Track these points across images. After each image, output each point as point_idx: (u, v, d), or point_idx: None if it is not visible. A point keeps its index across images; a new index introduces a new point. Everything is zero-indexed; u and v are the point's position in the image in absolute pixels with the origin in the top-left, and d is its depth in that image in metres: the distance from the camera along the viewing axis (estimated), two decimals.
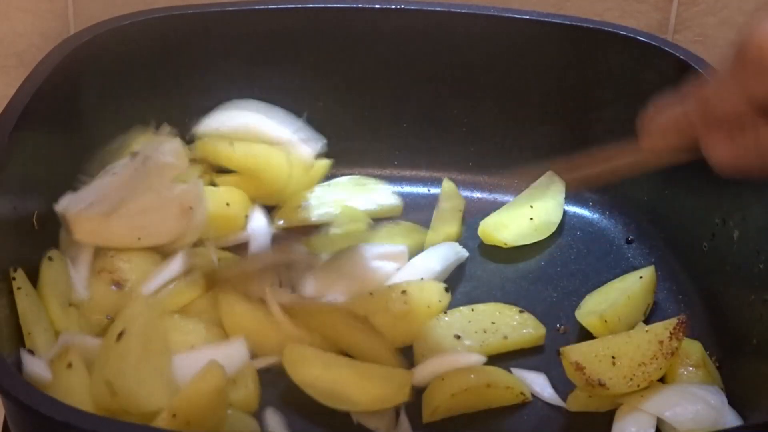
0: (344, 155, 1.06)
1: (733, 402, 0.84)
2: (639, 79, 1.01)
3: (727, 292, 0.91)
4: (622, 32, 1.00)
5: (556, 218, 1.02)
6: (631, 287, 0.94)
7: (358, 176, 1.06)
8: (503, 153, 1.06)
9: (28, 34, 1.07)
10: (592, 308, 0.92)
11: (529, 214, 1.01)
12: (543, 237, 1.01)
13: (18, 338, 0.81)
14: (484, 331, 0.90)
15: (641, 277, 0.95)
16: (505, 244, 1.00)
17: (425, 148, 1.07)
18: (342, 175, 1.06)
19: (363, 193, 1.04)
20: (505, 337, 0.90)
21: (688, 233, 0.97)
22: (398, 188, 1.06)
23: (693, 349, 0.88)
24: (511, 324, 0.91)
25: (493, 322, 0.91)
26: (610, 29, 1.01)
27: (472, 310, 0.92)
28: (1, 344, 0.76)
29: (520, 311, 0.92)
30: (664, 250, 1.00)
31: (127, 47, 0.98)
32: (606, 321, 0.89)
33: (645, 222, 1.03)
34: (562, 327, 0.93)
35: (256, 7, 1.01)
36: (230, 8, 1.01)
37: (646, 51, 0.99)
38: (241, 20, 1.01)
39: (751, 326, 0.86)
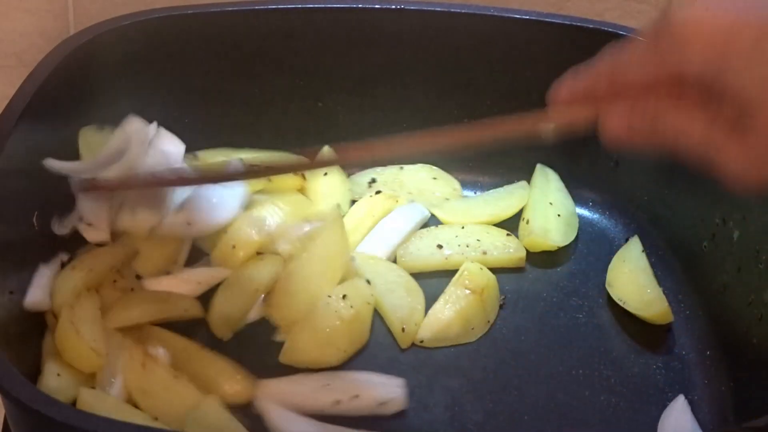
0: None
1: (733, 402, 0.85)
2: None
3: (727, 291, 0.91)
4: (622, 32, 1.00)
5: (573, 207, 1.03)
6: (638, 261, 0.97)
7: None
8: (503, 153, 1.06)
9: (28, 34, 1.07)
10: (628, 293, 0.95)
11: (555, 210, 1.02)
12: (576, 230, 1.02)
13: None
14: (467, 246, 0.97)
15: (643, 251, 0.98)
16: (557, 247, 1.00)
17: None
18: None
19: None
20: (484, 253, 0.96)
21: (688, 233, 0.97)
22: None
23: None
24: (495, 243, 0.97)
25: (478, 239, 0.97)
26: (610, 29, 1.01)
27: (462, 227, 0.98)
28: (1, 344, 0.76)
29: (508, 234, 0.98)
30: (664, 250, 1.00)
31: (127, 47, 0.98)
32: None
33: (645, 222, 1.03)
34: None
35: (256, 7, 1.01)
36: (230, 8, 1.01)
37: None
38: (241, 20, 1.01)
39: (752, 326, 0.86)
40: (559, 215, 1.01)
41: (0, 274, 0.81)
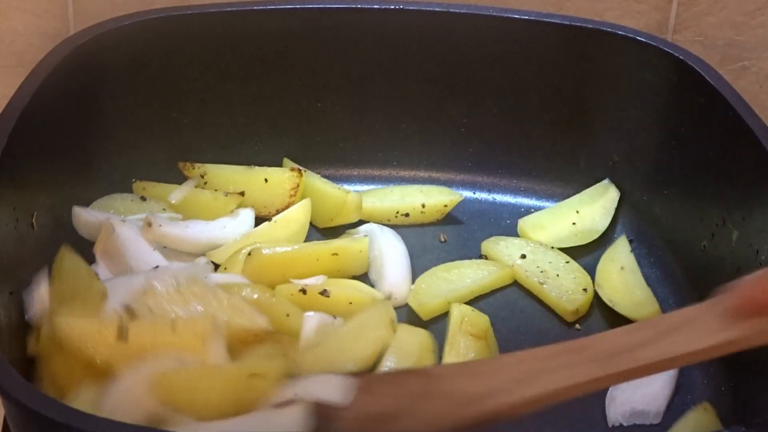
0: (344, 156, 1.06)
1: (733, 402, 0.85)
2: (638, 80, 1.01)
3: None
4: (621, 32, 1.00)
5: (601, 227, 1.02)
6: (627, 262, 0.97)
7: None
8: (503, 153, 1.06)
9: (28, 34, 1.07)
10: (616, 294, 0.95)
11: (574, 218, 1.02)
12: (582, 243, 1.01)
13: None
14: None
15: (631, 251, 0.99)
16: (540, 244, 1.00)
17: (425, 148, 1.07)
18: (342, 174, 1.06)
19: None
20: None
21: (688, 233, 0.97)
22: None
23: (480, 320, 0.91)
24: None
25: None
26: (609, 29, 1.01)
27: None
28: (1, 345, 0.76)
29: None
30: (664, 250, 1.00)
31: (127, 47, 0.98)
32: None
33: (645, 222, 1.03)
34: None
35: (256, 8, 1.01)
36: (230, 8, 1.01)
37: (646, 51, 0.99)
38: (240, 20, 1.01)
39: None
40: (574, 224, 1.02)
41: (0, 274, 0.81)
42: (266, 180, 1.01)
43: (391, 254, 0.97)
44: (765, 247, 0.86)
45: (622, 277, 0.96)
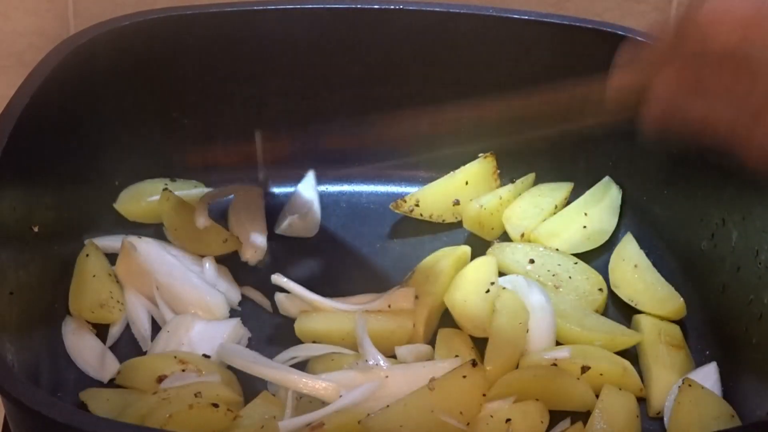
0: (344, 156, 1.06)
1: (732, 401, 0.85)
2: None
3: (727, 291, 0.91)
4: (621, 32, 1.00)
5: (610, 226, 1.02)
6: (639, 259, 0.97)
7: None
8: (502, 153, 1.06)
9: (28, 34, 1.07)
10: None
11: (583, 221, 1.01)
12: (596, 245, 1.01)
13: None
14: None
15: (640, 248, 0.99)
16: (544, 248, 1.00)
17: (425, 148, 1.07)
18: (341, 175, 1.06)
19: None
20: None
21: (688, 233, 0.97)
22: (398, 188, 1.07)
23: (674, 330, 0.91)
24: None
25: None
26: (609, 29, 1.01)
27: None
28: (1, 344, 0.76)
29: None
30: (664, 250, 1.00)
31: (127, 47, 0.98)
32: None
33: (645, 222, 1.03)
34: None
35: (256, 8, 1.01)
36: (230, 8, 1.01)
37: None
38: (240, 20, 1.01)
39: (751, 326, 0.86)
40: (584, 227, 1.01)
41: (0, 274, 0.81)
42: (467, 182, 1.04)
43: (539, 312, 0.92)
44: (765, 247, 0.86)
45: (638, 275, 0.96)
